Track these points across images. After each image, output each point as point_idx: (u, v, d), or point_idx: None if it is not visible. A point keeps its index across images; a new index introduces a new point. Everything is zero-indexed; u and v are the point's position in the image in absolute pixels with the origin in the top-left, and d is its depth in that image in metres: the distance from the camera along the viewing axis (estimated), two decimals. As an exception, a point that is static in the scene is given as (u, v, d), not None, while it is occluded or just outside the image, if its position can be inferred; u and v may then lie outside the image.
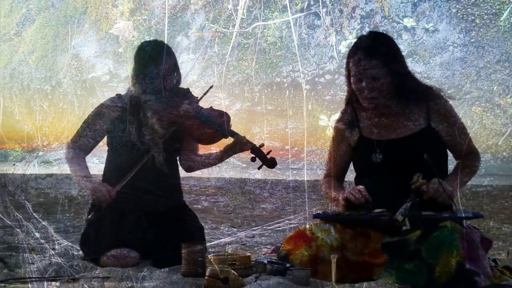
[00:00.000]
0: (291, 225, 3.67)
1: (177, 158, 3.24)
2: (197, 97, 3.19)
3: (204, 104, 3.21)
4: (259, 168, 3.20)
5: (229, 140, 3.20)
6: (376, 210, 2.64)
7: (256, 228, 4.31)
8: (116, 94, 3.18)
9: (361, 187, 2.69)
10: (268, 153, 3.17)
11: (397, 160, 2.72)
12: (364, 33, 2.94)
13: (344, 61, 2.84)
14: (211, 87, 3.27)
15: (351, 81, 2.76)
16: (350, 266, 2.56)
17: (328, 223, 2.70)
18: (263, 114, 7.73)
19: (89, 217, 3.09)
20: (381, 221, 2.60)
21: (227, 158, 3.24)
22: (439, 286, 2.40)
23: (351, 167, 2.97)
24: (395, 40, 2.91)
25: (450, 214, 2.59)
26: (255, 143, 3.19)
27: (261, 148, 3.17)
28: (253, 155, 3.17)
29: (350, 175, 2.98)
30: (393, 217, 2.56)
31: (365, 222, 2.65)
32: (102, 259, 2.92)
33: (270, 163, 3.17)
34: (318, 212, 2.82)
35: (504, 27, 7.24)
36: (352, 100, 2.86)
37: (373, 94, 2.71)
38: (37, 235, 3.23)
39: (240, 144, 3.16)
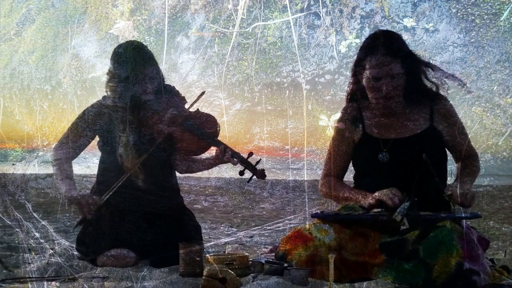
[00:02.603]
0: (291, 225, 3.67)
1: (173, 158, 3.21)
2: (184, 97, 3.10)
3: (199, 105, 3.11)
4: (248, 181, 3.06)
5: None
6: (375, 210, 2.65)
7: (256, 228, 4.31)
8: (103, 97, 3.15)
9: (395, 189, 2.64)
10: (257, 163, 3.04)
11: (403, 160, 2.72)
12: (370, 32, 2.93)
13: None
14: (202, 93, 3.10)
15: (365, 79, 2.74)
16: (348, 266, 2.56)
17: (326, 223, 2.70)
18: (263, 114, 7.72)
19: (77, 226, 3.06)
20: (379, 221, 2.60)
21: (213, 167, 3.14)
22: (437, 286, 2.40)
23: (350, 166, 2.97)
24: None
25: (449, 214, 2.60)
26: (242, 154, 3.04)
27: (248, 159, 3.03)
28: (242, 168, 3.03)
29: (350, 175, 2.97)
30: (391, 216, 2.56)
31: (363, 222, 2.65)
32: (99, 259, 2.92)
33: (260, 174, 3.04)
34: (316, 211, 2.81)
35: (504, 27, 7.23)
36: (355, 98, 2.85)
37: (390, 93, 2.71)
38: (37, 235, 3.23)
39: (225, 156, 3.02)
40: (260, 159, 3.07)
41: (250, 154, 3.06)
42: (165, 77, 3.13)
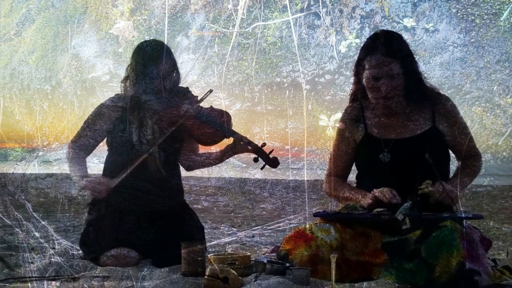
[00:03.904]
0: (291, 225, 3.67)
1: (177, 157, 3.24)
2: (197, 97, 3.19)
3: (204, 104, 3.20)
4: (262, 168, 3.19)
5: (231, 140, 3.19)
6: (377, 209, 2.64)
7: (256, 228, 4.31)
8: (116, 94, 3.18)
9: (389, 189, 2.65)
10: (270, 152, 3.16)
11: (405, 160, 2.72)
12: (370, 32, 2.93)
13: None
14: (210, 91, 3.24)
15: (365, 78, 2.74)
16: (350, 266, 2.56)
17: (328, 223, 2.70)
18: (263, 114, 7.72)
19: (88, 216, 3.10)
20: (381, 220, 2.60)
21: (227, 158, 3.23)
22: (439, 285, 2.40)
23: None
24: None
25: (450, 214, 2.59)
26: (255, 143, 3.18)
27: (263, 148, 3.16)
28: (256, 156, 3.16)
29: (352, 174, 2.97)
30: (393, 216, 2.56)
31: (365, 221, 2.65)
32: (102, 258, 2.92)
33: (273, 162, 3.17)
34: (318, 211, 2.81)
35: (504, 27, 7.23)
36: (358, 98, 2.86)
37: (390, 93, 2.70)
38: (37, 234, 3.23)
39: (241, 145, 3.14)
40: (273, 149, 3.19)
41: (264, 144, 3.18)
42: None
